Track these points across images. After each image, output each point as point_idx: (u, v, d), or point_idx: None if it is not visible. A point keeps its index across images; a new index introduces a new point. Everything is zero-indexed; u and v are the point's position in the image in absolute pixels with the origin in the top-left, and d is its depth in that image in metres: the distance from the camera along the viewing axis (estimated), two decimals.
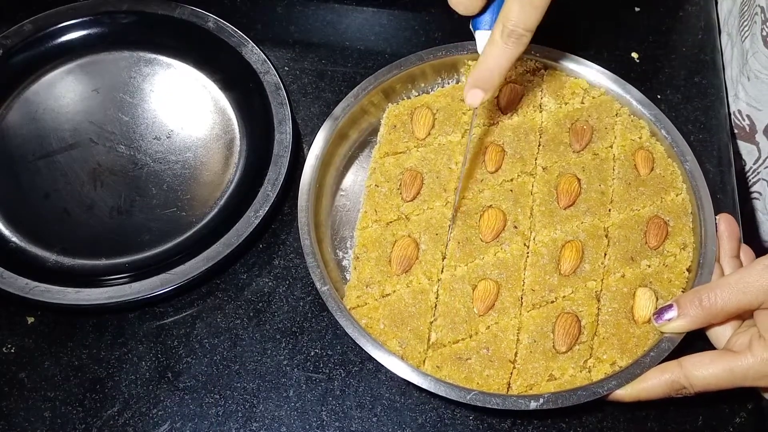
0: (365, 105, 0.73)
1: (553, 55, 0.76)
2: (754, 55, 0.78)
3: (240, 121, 0.77)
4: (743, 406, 0.65)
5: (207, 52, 0.79)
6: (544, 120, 0.74)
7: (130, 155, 0.75)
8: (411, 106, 0.74)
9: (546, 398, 0.59)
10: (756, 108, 0.80)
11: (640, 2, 0.88)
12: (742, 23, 0.81)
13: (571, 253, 0.66)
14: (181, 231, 0.71)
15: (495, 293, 0.64)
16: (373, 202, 0.68)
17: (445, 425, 0.64)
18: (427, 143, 0.72)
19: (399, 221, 0.68)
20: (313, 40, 0.84)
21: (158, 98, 0.78)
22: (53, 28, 0.78)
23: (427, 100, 0.74)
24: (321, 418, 0.64)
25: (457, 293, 0.64)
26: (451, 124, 0.72)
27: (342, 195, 0.72)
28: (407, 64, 0.74)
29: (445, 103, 0.74)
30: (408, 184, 0.69)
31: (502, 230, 0.67)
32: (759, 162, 0.84)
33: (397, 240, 0.66)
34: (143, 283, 0.65)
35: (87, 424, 0.63)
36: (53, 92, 0.78)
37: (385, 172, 0.70)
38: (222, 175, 0.74)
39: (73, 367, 0.65)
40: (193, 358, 0.66)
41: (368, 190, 0.70)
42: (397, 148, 0.71)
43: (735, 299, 0.57)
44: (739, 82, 0.82)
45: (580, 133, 0.72)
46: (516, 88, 0.75)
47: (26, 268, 0.66)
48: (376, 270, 0.65)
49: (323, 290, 0.62)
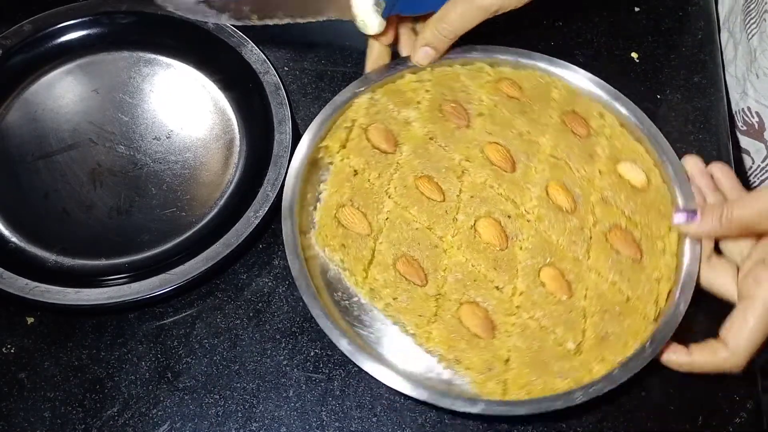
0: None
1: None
2: (763, 52, 0.78)
3: (240, 121, 0.77)
4: (743, 406, 0.65)
5: (206, 53, 0.79)
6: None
7: (129, 155, 0.75)
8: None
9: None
10: (765, 105, 0.80)
11: (640, 2, 0.88)
12: (749, 21, 0.81)
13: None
14: (180, 231, 0.71)
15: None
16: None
17: (445, 425, 0.64)
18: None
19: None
20: (313, 40, 0.84)
21: (158, 98, 0.78)
22: (52, 28, 0.78)
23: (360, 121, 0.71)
24: (321, 419, 0.64)
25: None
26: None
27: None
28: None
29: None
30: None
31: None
32: (767, 160, 0.84)
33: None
34: (143, 283, 0.65)
35: (87, 424, 0.63)
36: (53, 92, 0.78)
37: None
38: (222, 175, 0.74)
39: (73, 367, 0.65)
40: (193, 359, 0.66)
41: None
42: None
43: (748, 213, 0.59)
44: (748, 80, 0.82)
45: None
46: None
47: (26, 269, 0.66)
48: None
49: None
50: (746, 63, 0.82)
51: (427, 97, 0.71)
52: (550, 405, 0.58)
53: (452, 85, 0.72)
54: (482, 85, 0.73)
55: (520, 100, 0.72)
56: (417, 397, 0.58)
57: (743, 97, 0.83)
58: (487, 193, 0.68)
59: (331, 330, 0.60)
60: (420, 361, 0.62)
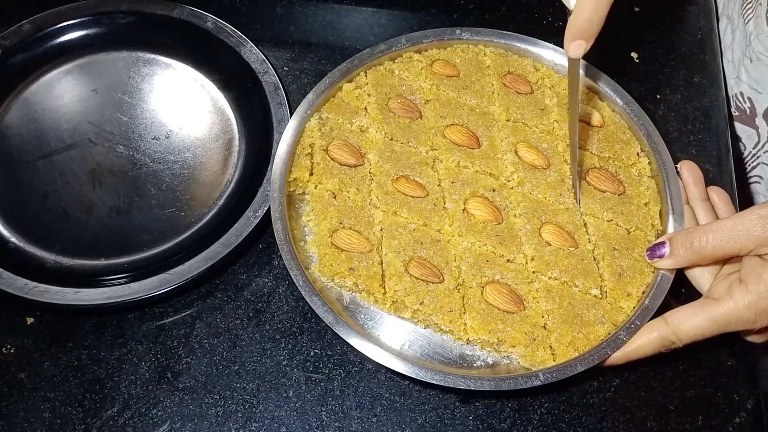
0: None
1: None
2: (757, 36, 0.78)
3: (239, 121, 0.77)
4: (743, 406, 0.65)
5: (206, 53, 0.79)
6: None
7: (129, 155, 0.75)
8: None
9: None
10: (757, 90, 0.81)
11: (640, 2, 0.88)
12: (746, 6, 0.82)
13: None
14: (180, 231, 0.71)
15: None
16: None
17: (445, 425, 0.64)
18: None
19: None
20: (313, 40, 0.84)
21: (157, 98, 0.78)
22: (52, 28, 0.78)
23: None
24: (321, 419, 0.64)
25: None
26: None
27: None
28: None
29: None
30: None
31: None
32: (759, 146, 0.84)
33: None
34: (142, 283, 0.65)
35: (87, 424, 0.63)
36: (52, 92, 0.78)
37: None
38: (221, 175, 0.74)
39: (73, 367, 0.65)
40: (193, 359, 0.66)
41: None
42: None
43: (726, 245, 0.58)
44: (742, 64, 0.82)
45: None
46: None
47: (25, 269, 0.66)
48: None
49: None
50: (741, 48, 0.82)
51: (372, 101, 0.72)
52: (601, 354, 0.60)
53: (390, 82, 0.73)
54: (419, 73, 0.74)
55: (459, 77, 0.74)
56: (491, 389, 0.59)
57: (737, 83, 0.84)
58: (465, 174, 0.68)
59: (395, 362, 0.60)
60: (456, 354, 0.63)
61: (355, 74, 0.73)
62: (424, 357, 0.63)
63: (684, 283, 0.66)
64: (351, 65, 0.73)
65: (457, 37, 0.75)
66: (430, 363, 0.62)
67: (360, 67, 0.73)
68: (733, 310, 0.57)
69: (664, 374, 0.66)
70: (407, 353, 0.63)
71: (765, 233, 0.57)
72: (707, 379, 0.66)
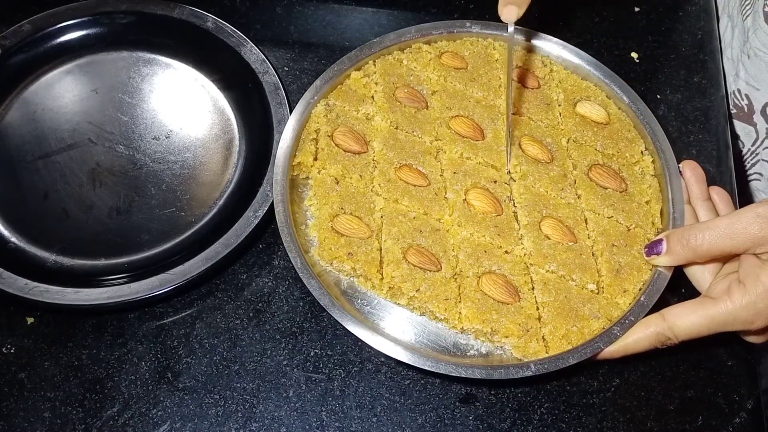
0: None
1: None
2: (755, 32, 0.78)
3: (239, 121, 0.77)
4: (743, 406, 0.65)
5: (206, 53, 0.79)
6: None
7: (129, 155, 0.75)
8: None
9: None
10: (754, 87, 0.81)
11: (640, 2, 0.88)
12: (744, 2, 0.82)
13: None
14: (180, 231, 0.71)
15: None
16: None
17: (445, 425, 0.64)
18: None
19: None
20: (313, 40, 0.84)
21: (157, 98, 0.78)
22: (52, 28, 0.78)
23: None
24: (321, 419, 0.64)
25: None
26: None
27: None
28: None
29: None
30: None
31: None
32: (757, 143, 0.84)
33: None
34: (142, 283, 0.65)
35: (87, 424, 0.63)
36: (52, 92, 0.78)
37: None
38: (221, 175, 0.74)
39: (73, 367, 0.65)
40: (193, 359, 0.66)
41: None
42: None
43: (722, 243, 0.58)
44: (740, 61, 0.82)
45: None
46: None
47: (25, 269, 0.66)
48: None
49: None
50: (740, 44, 0.82)
51: (379, 90, 0.72)
52: (594, 348, 0.60)
53: (398, 72, 0.74)
54: (427, 64, 0.74)
55: (467, 69, 0.74)
56: (483, 377, 0.59)
57: (735, 80, 0.84)
58: (467, 165, 0.69)
59: (388, 347, 0.60)
60: (450, 343, 0.64)
61: (363, 62, 0.74)
62: (419, 344, 0.63)
63: (684, 282, 0.66)
64: (360, 53, 0.74)
65: (467, 29, 0.76)
66: (423, 350, 0.62)
67: (369, 55, 0.74)
68: (730, 311, 0.57)
69: (664, 374, 0.67)
70: (402, 339, 0.63)
71: (761, 232, 0.56)
72: (707, 379, 0.66)
